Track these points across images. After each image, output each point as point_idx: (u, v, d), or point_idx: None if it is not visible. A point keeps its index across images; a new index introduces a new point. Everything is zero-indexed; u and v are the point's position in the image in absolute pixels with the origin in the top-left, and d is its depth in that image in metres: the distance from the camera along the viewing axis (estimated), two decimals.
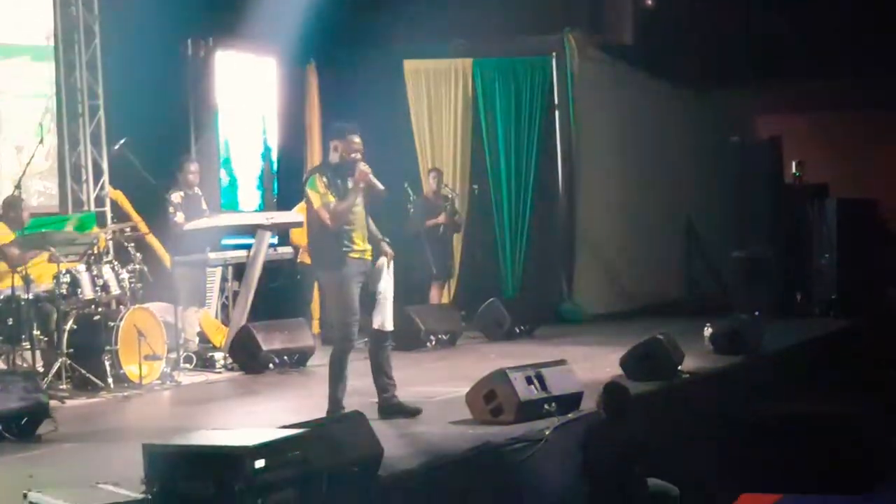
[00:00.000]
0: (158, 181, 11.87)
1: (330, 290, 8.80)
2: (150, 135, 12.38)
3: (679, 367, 10.56)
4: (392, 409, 8.69)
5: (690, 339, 11.83)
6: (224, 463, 5.69)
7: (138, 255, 11.02)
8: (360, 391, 10.04)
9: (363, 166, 8.66)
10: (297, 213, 13.24)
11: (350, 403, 8.49)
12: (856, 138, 22.15)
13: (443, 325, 13.44)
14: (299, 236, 13.50)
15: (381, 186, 8.78)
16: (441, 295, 15.01)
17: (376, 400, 9.15)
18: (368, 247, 8.70)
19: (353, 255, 8.57)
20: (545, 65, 16.58)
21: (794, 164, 16.42)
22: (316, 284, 13.77)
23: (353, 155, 8.64)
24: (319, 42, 15.19)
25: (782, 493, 10.36)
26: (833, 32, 20.11)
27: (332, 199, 8.53)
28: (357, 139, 8.74)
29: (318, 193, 8.55)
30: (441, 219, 14.86)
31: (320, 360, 11.92)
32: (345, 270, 8.52)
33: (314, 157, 15.58)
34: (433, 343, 13.18)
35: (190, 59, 14.07)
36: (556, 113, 16.60)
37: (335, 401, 8.53)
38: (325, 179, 8.57)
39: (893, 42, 20.00)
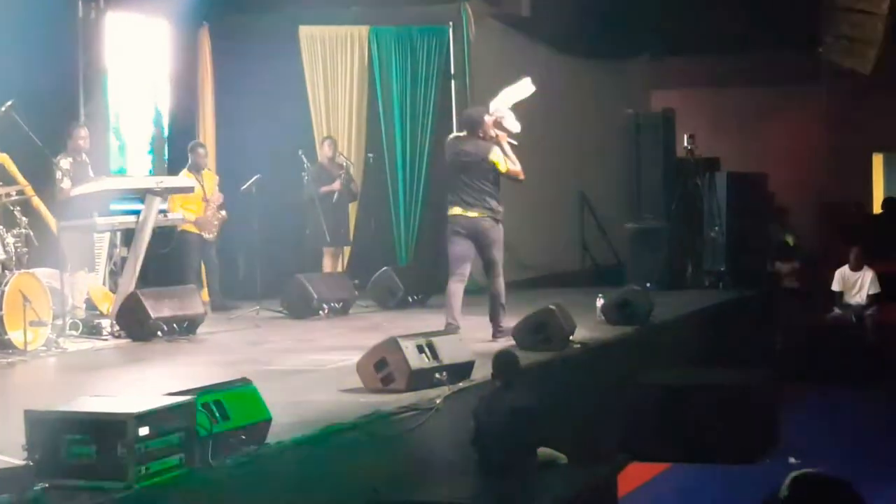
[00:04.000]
0: (46, 145, 11.65)
1: (500, 239, 11.04)
2: (38, 97, 12.11)
3: (570, 338, 10.59)
4: None
5: (583, 310, 11.89)
6: (107, 429, 5.57)
7: (24, 219, 10.83)
8: (251, 359, 10.02)
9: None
10: (187, 179, 13.09)
11: (240, 371, 8.39)
12: (747, 113, 22.47)
13: (335, 294, 13.38)
14: (181, 208, 13.35)
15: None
16: (334, 263, 14.92)
17: (269, 367, 9.44)
18: None
19: None
20: (442, 34, 16.52)
21: (685, 137, 16.53)
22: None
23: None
24: (213, 4, 14.99)
25: (670, 462, 10.46)
26: (725, 10, 20.30)
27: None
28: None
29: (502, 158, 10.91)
30: (335, 186, 14.76)
31: (210, 328, 11.85)
32: None
33: (206, 121, 15.39)
34: (326, 311, 13.11)
35: (80, 21, 13.78)
36: (453, 83, 16.55)
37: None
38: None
39: (782, 20, 20.25)
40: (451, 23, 16.49)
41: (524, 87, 11.45)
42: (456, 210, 10.89)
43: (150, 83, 14.98)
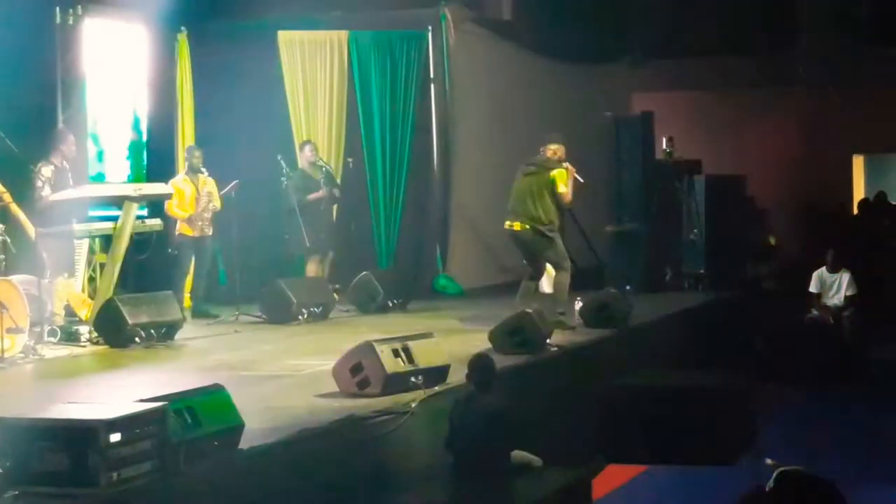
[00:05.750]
0: (23, 152, 11.63)
1: (544, 245, 12.09)
2: (15, 104, 12.13)
3: (548, 341, 10.62)
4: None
5: None
6: (79, 436, 5.61)
7: (1, 225, 10.81)
8: (227, 365, 10.02)
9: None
10: (166, 185, 13.09)
11: (214, 377, 8.40)
12: (726, 116, 22.53)
13: (315, 298, 13.37)
14: (175, 209, 13.38)
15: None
16: (320, 269, 14.84)
17: (246, 373, 9.46)
18: None
19: None
20: (421, 38, 16.55)
21: (664, 140, 16.58)
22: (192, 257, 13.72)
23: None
24: (191, 10, 14.98)
25: (647, 464, 10.49)
26: (704, 14, 20.40)
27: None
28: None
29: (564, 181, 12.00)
30: (322, 193, 14.75)
31: (189, 334, 11.85)
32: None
33: (185, 127, 15.38)
34: (305, 316, 13.08)
35: (58, 27, 13.77)
36: (432, 87, 16.58)
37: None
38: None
39: (760, 23, 20.37)
40: (430, 27, 16.51)
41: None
42: (505, 223, 12.24)
43: (129, 89, 14.97)
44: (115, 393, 8.68)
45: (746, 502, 3.36)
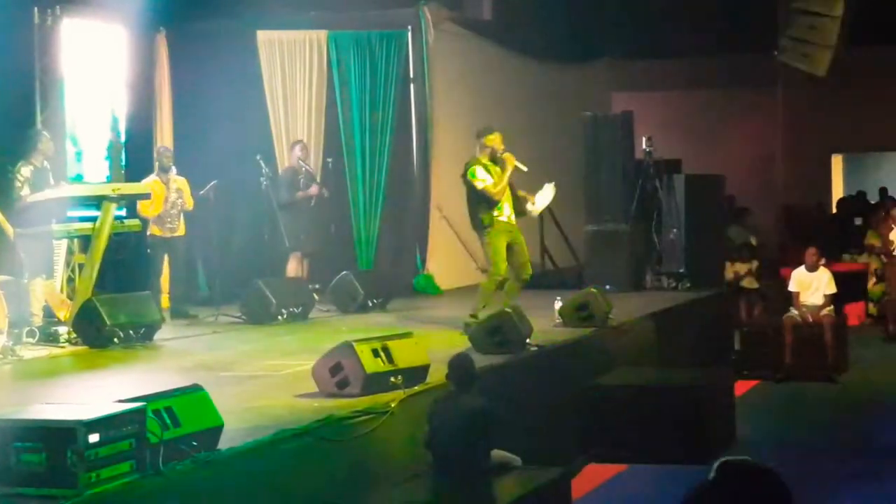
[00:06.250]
0: (1, 152, 11.60)
1: (483, 244, 11.82)
2: None
3: (527, 340, 10.62)
4: None
5: (541, 312, 11.93)
6: (56, 437, 5.58)
7: None
8: (207, 365, 10.00)
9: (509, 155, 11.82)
10: (144, 185, 13.07)
11: (194, 377, 8.38)
12: (705, 116, 22.60)
13: (295, 299, 13.35)
14: (146, 209, 13.35)
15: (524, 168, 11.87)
16: (300, 268, 14.82)
17: (226, 373, 9.44)
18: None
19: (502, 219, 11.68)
20: (401, 38, 16.53)
21: (644, 139, 16.63)
22: (166, 257, 13.67)
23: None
24: (169, 10, 14.95)
25: (627, 463, 10.50)
26: (684, 14, 20.45)
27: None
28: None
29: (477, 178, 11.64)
30: (313, 190, 14.77)
31: (168, 335, 11.82)
32: (496, 230, 11.62)
33: (164, 127, 15.37)
34: (285, 316, 13.06)
35: (36, 27, 13.74)
36: (412, 86, 16.57)
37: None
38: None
39: (739, 24, 20.43)
40: (409, 27, 16.50)
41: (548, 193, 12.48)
42: None
43: (107, 89, 14.94)
44: (94, 393, 8.66)
45: (692, 496, 3.37)
